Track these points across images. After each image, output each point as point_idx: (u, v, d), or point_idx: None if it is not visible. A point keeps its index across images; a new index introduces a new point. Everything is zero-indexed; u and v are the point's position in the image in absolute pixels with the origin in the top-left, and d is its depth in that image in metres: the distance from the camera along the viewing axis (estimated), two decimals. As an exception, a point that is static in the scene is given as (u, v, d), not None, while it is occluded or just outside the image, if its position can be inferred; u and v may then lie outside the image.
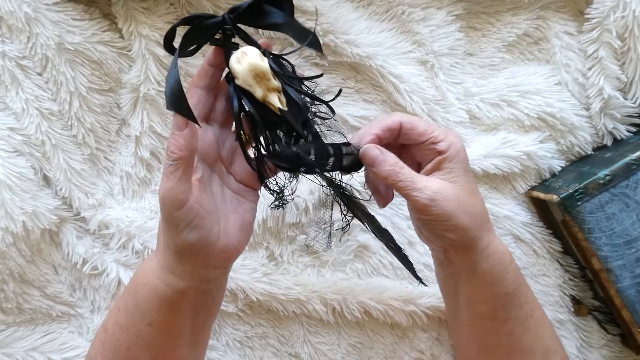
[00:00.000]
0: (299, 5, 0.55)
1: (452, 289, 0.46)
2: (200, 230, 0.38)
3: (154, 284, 0.40)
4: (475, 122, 0.59)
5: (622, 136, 0.56)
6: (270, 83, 0.38)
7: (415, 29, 0.58)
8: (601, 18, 0.54)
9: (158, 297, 0.40)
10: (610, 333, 0.57)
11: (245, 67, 0.38)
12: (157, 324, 0.40)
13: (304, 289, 0.56)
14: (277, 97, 0.39)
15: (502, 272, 0.42)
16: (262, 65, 0.38)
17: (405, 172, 0.40)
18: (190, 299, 0.40)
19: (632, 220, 0.50)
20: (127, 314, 0.42)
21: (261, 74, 0.38)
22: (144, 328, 0.41)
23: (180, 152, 0.36)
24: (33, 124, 0.54)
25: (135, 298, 0.41)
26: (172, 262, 0.39)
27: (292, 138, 0.40)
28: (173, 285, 0.39)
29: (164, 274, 0.39)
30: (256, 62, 0.37)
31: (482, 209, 0.43)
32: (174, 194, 0.36)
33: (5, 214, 0.51)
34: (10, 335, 0.55)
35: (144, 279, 0.41)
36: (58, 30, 0.52)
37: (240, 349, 0.57)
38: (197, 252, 0.38)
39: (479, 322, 0.44)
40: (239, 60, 0.38)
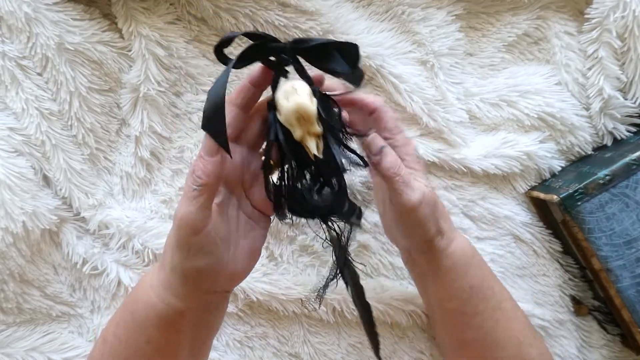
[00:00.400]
0: (299, 5, 0.55)
1: (423, 289, 0.47)
2: (211, 258, 0.37)
3: (154, 302, 0.39)
4: (475, 122, 0.58)
5: (622, 136, 0.56)
6: (313, 127, 0.36)
7: (415, 29, 0.57)
8: (601, 18, 0.54)
9: (157, 315, 0.39)
10: (610, 333, 0.57)
11: (291, 106, 0.35)
12: (156, 341, 0.40)
13: (304, 289, 0.56)
14: (315, 143, 0.37)
15: (464, 267, 0.43)
16: (310, 108, 0.35)
17: (404, 168, 0.40)
18: (189, 318, 0.40)
19: (632, 220, 0.50)
20: (126, 329, 0.41)
21: (306, 117, 0.35)
22: (142, 345, 0.40)
23: (207, 179, 0.35)
24: (33, 124, 0.54)
25: (134, 314, 0.40)
26: (176, 284, 0.38)
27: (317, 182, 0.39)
28: (172, 305, 0.38)
29: (164, 293, 0.39)
30: (304, 103, 0.35)
31: (442, 210, 0.44)
32: (194, 220, 0.35)
33: (5, 214, 0.51)
34: (10, 335, 0.55)
35: (144, 296, 0.40)
36: (58, 30, 0.52)
37: (240, 349, 0.57)
38: (204, 278, 0.38)
39: (450, 318, 0.45)
40: (287, 97, 0.36)
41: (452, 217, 0.58)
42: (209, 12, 0.56)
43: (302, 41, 0.36)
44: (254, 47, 0.36)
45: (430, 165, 0.58)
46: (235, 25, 0.56)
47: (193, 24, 0.57)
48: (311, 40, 0.36)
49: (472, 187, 0.58)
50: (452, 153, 0.57)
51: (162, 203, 0.58)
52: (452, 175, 0.58)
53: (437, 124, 0.57)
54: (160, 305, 0.39)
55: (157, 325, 0.39)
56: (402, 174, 0.40)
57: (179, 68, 0.57)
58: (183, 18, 0.57)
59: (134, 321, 0.40)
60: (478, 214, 0.58)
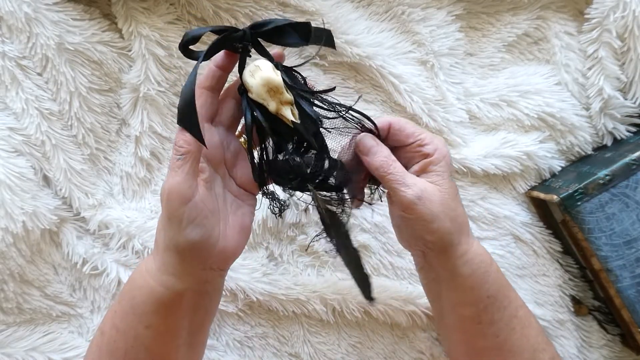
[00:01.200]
0: (298, 5, 0.55)
1: (436, 295, 0.46)
2: (203, 229, 0.38)
3: (151, 287, 0.39)
4: (475, 122, 0.59)
5: (622, 136, 0.56)
6: (283, 96, 0.39)
7: (415, 29, 0.58)
8: (601, 18, 0.54)
9: (155, 300, 0.39)
10: (610, 333, 0.57)
11: (258, 82, 0.38)
12: (155, 326, 0.40)
13: (304, 289, 0.56)
14: (290, 110, 0.39)
15: (482, 276, 0.42)
16: (276, 79, 0.38)
17: (397, 166, 0.41)
18: (187, 301, 0.40)
19: (632, 220, 0.50)
20: (123, 317, 0.41)
21: (274, 88, 0.38)
22: (141, 331, 0.40)
23: (189, 146, 0.36)
24: (33, 124, 0.54)
25: (132, 301, 0.41)
26: (171, 262, 0.38)
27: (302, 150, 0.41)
28: (170, 287, 0.39)
29: (161, 275, 0.39)
30: (270, 76, 0.38)
31: (463, 213, 0.43)
32: (181, 189, 0.36)
33: (5, 214, 0.51)
34: (10, 335, 0.55)
35: (141, 282, 0.40)
36: (58, 30, 0.52)
37: (240, 349, 0.57)
38: (197, 252, 0.38)
39: (465, 325, 0.44)
40: (253, 74, 0.38)
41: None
42: (209, 12, 0.56)
43: (259, 25, 0.39)
44: (218, 41, 0.39)
45: (430, 165, 0.58)
46: (236, 25, 0.56)
47: (193, 24, 0.57)
48: (267, 24, 0.39)
49: (472, 187, 0.58)
50: (452, 153, 0.57)
51: (162, 203, 0.58)
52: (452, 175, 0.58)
53: (437, 124, 0.57)
54: (159, 288, 0.39)
55: (156, 310, 0.39)
56: (394, 172, 0.40)
57: (179, 68, 0.57)
58: (183, 18, 0.57)
59: (132, 309, 0.40)
60: (478, 214, 0.58)
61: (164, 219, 0.38)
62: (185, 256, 0.38)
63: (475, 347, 0.45)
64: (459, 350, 0.47)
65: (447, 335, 0.48)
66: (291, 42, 0.40)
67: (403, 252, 0.58)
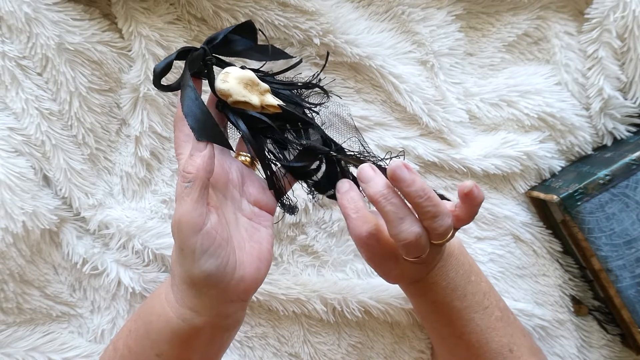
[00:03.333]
0: (298, 5, 0.55)
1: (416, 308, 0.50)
2: (218, 260, 0.36)
3: (169, 317, 0.38)
4: (475, 122, 0.59)
5: (622, 136, 0.56)
6: (261, 86, 0.40)
7: (415, 29, 0.57)
8: (601, 18, 0.54)
9: (171, 331, 0.38)
10: (610, 333, 0.57)
11: (233, 82, 0.39)
12: (167, 356, 0.39)
13: (304, 289, 0.56)
14: (272, 97, 0.40)
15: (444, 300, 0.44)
16: (248, 73, 0.40)
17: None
18: (204, 336, 0.38)
19: (632, 220, 0.50)
20: (137, 339, 0.40)
21: (250, 82, 0.40)
22: (152, 358, 0.39)
23: (196, 172, 0.35)
24: (33, 124, 0.53)
25: (148, 326, 0.39)
26: (189, 296, 0.37)
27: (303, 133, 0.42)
28: (189, 321, 0.37)
29: (180, 308, 0.37)
30: (242, 73, 0.40)
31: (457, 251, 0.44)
32: (191, 217, 0.34)
33: (5, 214, 0.51)
34: (10, 335, 0.55)
35: (159, 309, 0.39)
36: (58, 30, 0.52)
37: (240, 349, 0.57)
38: (214, 284, 0.36)
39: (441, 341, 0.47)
40: (224, 80, 0.39)
41: (452, 217, 0.58)
42: (209, 12, 0.56)
43: (212, 39, 0.41)
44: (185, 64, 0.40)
45: (430, 165, 0.58)
46: (235, 25, 0.56)
47: (193, 24, 0.57)
48: (217, 36, 0.41)
49: (472, 187, 0.58)
50: (452, 153, 0.57)
51: (162, 203, 0.58)
52: (452, 175, 0.58)
53: (437, 124, 0.57)
54: (176, 321, 0.37)
55: (170, 341, 0.38)
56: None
57: (179, 68, 0.56)
58: (183, 18, 0.57)
59: (147, 333, 0.39)
60: (478, 214, 0.58)
61: (177, 252, 0.36)
62: (202, 289, 0.36)
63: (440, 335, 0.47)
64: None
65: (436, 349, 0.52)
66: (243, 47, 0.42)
67: (403, 252, 0.58)
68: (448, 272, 0.43)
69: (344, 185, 0.41)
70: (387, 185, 0.37)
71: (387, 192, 0.37)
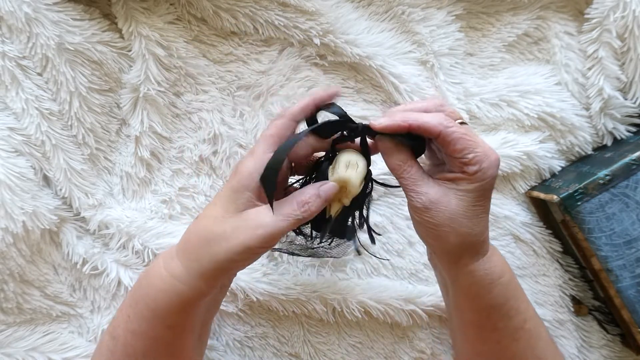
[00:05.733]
0: (298, 5, 0.55)
1: (444, 289, 0.47)
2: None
3: (178, 290, 0.40)
4: (475, 122, 0.58)
5: (622, 136, 0.56)
6: (345, 199, 0.42)
7: (415, 29, 0.58)
8: (601, 18, 0.54)
9: (181, 301, 0.41)
10: (610, 333, 0.57)
11: (345, 177, 0.41)
12: (177, 325, 0.42)
13: (304, 289, 0.56)
14: (337, 208, 0.42)
15: (487, 287, 0.42)
16: (355, 189, 0.41)
17: (412, 172, 0.40)
18: (207, 299, 0.42)
19: (632, 220, 0.50)
20: (141, 321, 0.42)
21: (346, 191, 0.41)
22: (163, 331, 0.42)
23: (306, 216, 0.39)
24: (33, 124, 0.53)
25: (152, 305, 0.41)
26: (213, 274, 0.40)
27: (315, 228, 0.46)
28: (199, 289, 0.40)
29: (195, 281, 0.40)
30: (354, 183, 0.41)
31: (478, 232, 0.41)
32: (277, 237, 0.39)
33: (5, 214, 0.51)
34: (11, 335, 0.55)
35: (164, 286, 0.41)
36: (58, 30, 0.52)
37: (240, 349, 0.57)
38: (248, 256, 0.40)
39: (467, 328, 0.45)
40: (347, 166, 0.41)
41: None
42: (209, 12, 0.56)
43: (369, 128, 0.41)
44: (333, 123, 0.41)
45: (430, 165, 0.58)
46: (235, 25, 0.56)
47: (193, 24, 0.57)
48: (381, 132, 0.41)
49: (472, 187, 0.58)
50: (452, 153, 0.57)
51: (162, 203, 0.58)
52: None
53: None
54: (188, 291, 0.40)
55: (180, 310, 0.41)
56: (406, 176, 0.40)
57: (179, 68, 0.57)
58: (183, 18, 0.57)
59: (153, 312, 0.41)
60: (478, 214, 0.58)
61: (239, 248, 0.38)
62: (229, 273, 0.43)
63: (477, 350, 0.45)
64: (463, 349, 0.47)
65: (453, 333, 0.50)
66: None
67: (403, 252, 0.58)
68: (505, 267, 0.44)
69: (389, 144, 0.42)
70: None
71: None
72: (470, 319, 0.44)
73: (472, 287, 0.42)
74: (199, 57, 0.57)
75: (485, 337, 0.44)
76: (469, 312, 0.43)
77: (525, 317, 0.44)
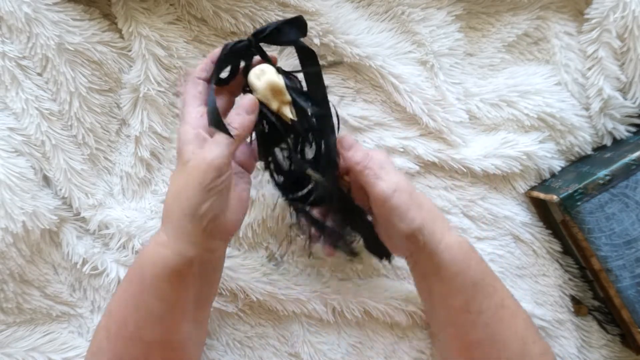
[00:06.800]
0: (298, 5, 0.55)
1: (427, 292, 0.48)
2: (222, 199, 0.42)
3: (164, 257, 0.42)
4: (475, 122, 0.59)
5: (621, 136, 0.56)
6: (285, 97, 0.45)
7: (415, 29, 0.58)
8: (601, 18, 0.54)
9: (168, 269, 0.42)
10: (610, 333, 0.57)
11: (264, 84, 0.44)
12: (167, 297, 0.42)
13: (304, 289, 0.56)
14: (289, 109, 0.45)
15: (464, 261, 0.45)
16: (279, 83, 0.44)
17: (374, 163, 0.45)
18: (195, 269, 0.43)
19: (632, 220, 0.50)
20: (134, 295, 0.43)
21: (277, 90, 0.44)
22: (153, 303, 0.42)
23: (242, 132, 0.42)
24: (33, 124, 0.54)
25: (142, 278, 0.43)
26: (191, 231, 0.41)
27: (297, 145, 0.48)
28: (183, 254, 0.41)
29: (175, 242, 0.42)
30: (274, 80, 0.44)
31: (429, 204, 0.47)
32: (222, 164, 0.40)
33: (5, 214, 0.51)
34: (10, 335, 0.55)
35: (152, 258, 0.42)
36: (58, 31, 0.52)
37: (240, 349, 0.57)
38: (213, 219, 0.41)
39: (455, 317, 0.46)
40: (259, 77, 0.45)
41: (452, 217, 0.58)
42: (209, 12, 0.56)
43: (260, 31, 0.45)
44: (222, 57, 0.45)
45: (430, 165, 0.58)
46: (235, 25, 0.56)
47: (193, 24, 0.57)
48: (267, 27, 0.45)
49: (472, 187, 0.58)
50: (451, 153, 0.57)
51: (162, 203, 0.58)
52: (452, 175, 0.58)
53: (437, 124, 0.57)
54: (172, 256, 0.41)
55: (168, 280, 0.42)
56: (372, 166, 0.45)
57: (179, 68, 0.57)
58: (183, 18, 0.57)
59: (143, 284, 0.43)
60: (478, 214, 0.58)
61: (193, 187, 0.40)
62: (201, 222, 0.41)
63: (467, 340, 0.46)
64: (452, 347, 0.48)
65: (440, 335, 0.49)
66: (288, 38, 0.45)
67: (403, 252, 0.58)
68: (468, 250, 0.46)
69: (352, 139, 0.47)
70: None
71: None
72: (458, 304, 0.45)
73: (452, 263, 0.44)
74: (199, 57, 0.57)
75: (473, 322, 0.45)
76: (455, 297, 0.45)
77: (503, 295, 0.46)
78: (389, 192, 0.44)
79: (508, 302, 0.46)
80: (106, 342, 0.44)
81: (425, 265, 0.46)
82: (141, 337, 0.43)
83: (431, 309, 0.49)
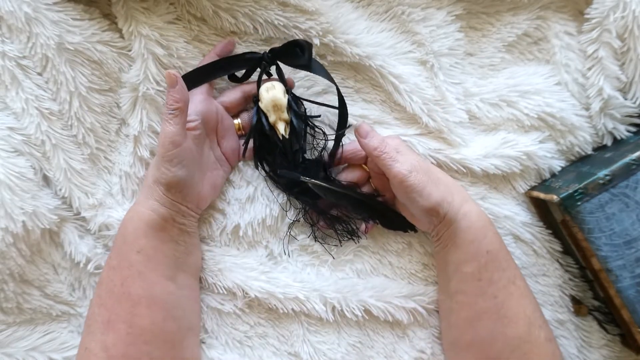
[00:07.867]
0: (298, 5, 0.55)
1: (443, 263, 0.51)
2: (187, 170, 0.49)
3: (140, 213, 0.50)
4: (475, 122, 0.58)
5: (622, 136, 0.56)
6: (283, 115, 0.53)
7: (415, 29, 0.57)
8: (601, 18, 0.54)
9: (144, 223, 0.49)
10: (610, 333, 0.57)
11: (269, 97, 0.53)
12: (145, 250, 0.49)
13: (303, 287, 0.56)
14: (284, 126, 0.54)
15: (482, 229, 0.49)
16: (282, 100, 0.53)
17: (390, 148, 0.50)
18: (170, 229, 0.50)
19: (632, 220, 0.50)
20: (117, 255, 0.50)
21: (279, 106, 0.53)
22: (133, 257, 0.49)
23: (177, 103, 0.47)
24: (33, 124, 0.54)
25: (124, 235, 0.50)
26: (158, 192, 0.50)
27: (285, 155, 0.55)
28: (157, 211, 0.49)
29: (148, 201, 0.50)
30: (279, 97, 0.53)
31: (447, 179, 0.52)
32: (174, 135, 0.47)
33: (5, 214, 0.51)
34: (11, 335, 0.55)
35: (130, 215, 0.51)
36: (58, 30, 0.52)
37: (239, 348, 0.57)
38: (181, 187, 0.49)
39: (466, 285, 0.49)
40: (267, 90, 0.53)
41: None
42: (208, 11, 0.56)
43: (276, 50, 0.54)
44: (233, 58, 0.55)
45: (430, 165, 0.58)
46: (235, 24, 0.56)
47: (193, 23, 0.57)
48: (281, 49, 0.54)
49: (472, 187, 0.58)
50: (451, 153, 0.57)
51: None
52: (452, 175, 0.58)
53: (437, 124, 0.57)
54: (147, 212, 0.49)
55: (145, 233, 0.49)
56: (389, 150, 0.49)
57: (179, 68, 0.57)
58: (183, 18, 0.57)
59: (124, 241, 0.50)
60: (478, 214, 0.58)
61: (159, 158, 0.49)
62: (170, 187, 0.49)
63: (475, 309, 0.48)
64: (459, 318, 0.50)
65: (450, 305, 0.51)
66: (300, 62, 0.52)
67: (402, 252, 0.58)
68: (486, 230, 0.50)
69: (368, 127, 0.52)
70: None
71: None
72: (470, 271, 0.48)
73: (469, 230, 0.48)
74: (199, 57, 0.57)
75: (483, 290, 0.48)
76: (469, 264, 0.48)
77: (516, 275, 0.49)
78: (405, 172, 0.48)
79: (520, 283, 0.48)
80: (97, 308, 0.48)
81: (446, 235, 0.49)
82: (129, 293, 0.48)
83: (445, 281, 0.52)
